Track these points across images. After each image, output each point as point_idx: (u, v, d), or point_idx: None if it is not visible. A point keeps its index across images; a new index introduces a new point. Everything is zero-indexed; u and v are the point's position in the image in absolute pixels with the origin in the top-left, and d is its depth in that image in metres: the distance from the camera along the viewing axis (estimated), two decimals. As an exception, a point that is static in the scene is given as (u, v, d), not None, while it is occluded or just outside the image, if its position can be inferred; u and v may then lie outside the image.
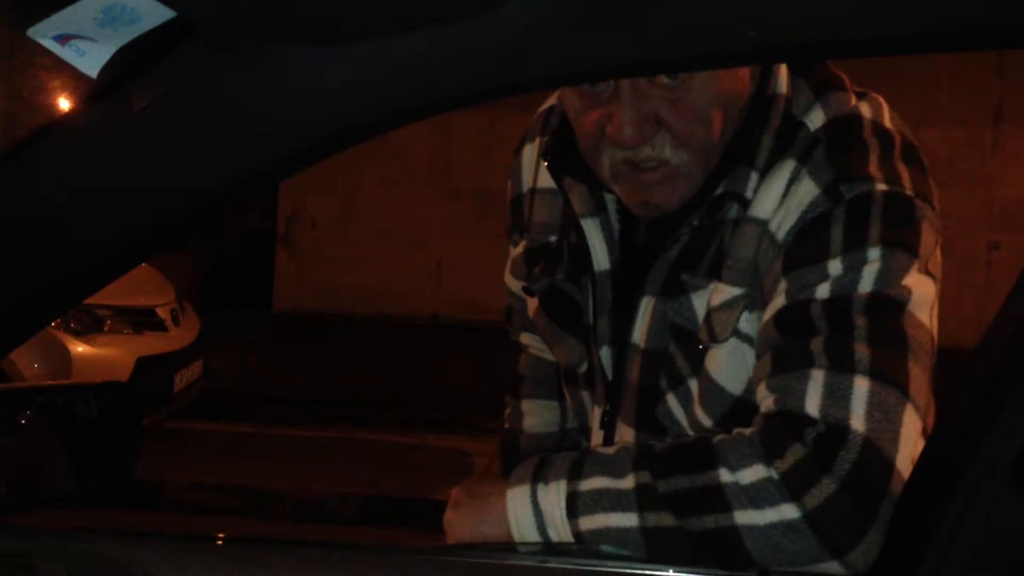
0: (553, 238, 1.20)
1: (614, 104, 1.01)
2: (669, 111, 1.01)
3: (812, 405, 0.92)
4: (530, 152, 1.24)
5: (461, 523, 1.00)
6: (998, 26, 0.70)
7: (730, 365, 1.04)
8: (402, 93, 0.76)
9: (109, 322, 4.68)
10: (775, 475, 0.90)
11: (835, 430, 0.90)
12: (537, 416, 1.34)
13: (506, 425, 1.37)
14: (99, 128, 0.78)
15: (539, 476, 0.98)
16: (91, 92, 0.74)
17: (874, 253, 0.96)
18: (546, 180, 1.20)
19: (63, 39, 0.69)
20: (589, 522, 0.94)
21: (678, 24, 0.71)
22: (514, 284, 1.29)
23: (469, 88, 0.76)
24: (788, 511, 0.89)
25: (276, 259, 7.53)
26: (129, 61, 0.72)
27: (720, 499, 0.90)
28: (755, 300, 1.02)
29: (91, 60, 0.70)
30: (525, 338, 1.35)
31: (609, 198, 1.14)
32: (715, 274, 1.05)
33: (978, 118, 6.49)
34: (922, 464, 0.90)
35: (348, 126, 0.78)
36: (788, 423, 0.92)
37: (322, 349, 6.71)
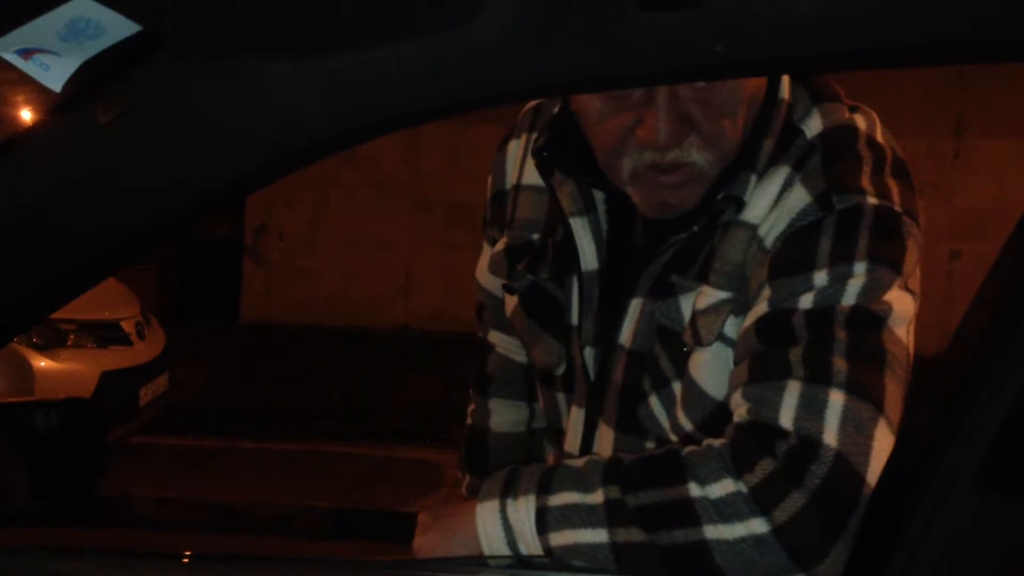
0: (536, 236, 1.19)
1: (645, 107, 0.99)
2: (700, 111, 1.00)
3: (786, 417, 0.92)
4: (515, 148, 1.23)
5: (432, 546, 1.00)
6: (953, 41, 0.72)
7: (714, 369, 1.04)
8: (372, 106, 0.76)
9: (72, 336, 4.61)
10: (744, 489, 0.90)
11: (807, 444, 0.90)
12: (505, 415, 1.33)
13: (469, 422, 1.36)
14: (64, 142, 0.77)
15: (508, 491, 0.97)
16: (55, 106, 0.74)
17: (860, 267, 0.96)
18: (532, 177, 1.18)
19: (26, 53, 0.68)
20: (559, 538, 0.94)
21: (646, 39, 0.71)
22: (490, 281, 1.28)
23: (439, 101, 0.76)
24: (757, 525, 0.89)
25: (244, 271, 7.47)
26: (94, 75, 0.71)
27: (690, 514, 0.90)
28: (741, 305, 1.02)
29: (55, 74, 0.69)
30: (494, 337, 1.34)
31: (599, 197, 1.13)
32: (703, 277, 1.05)
33: (940, 129, 6.59)
34: (889, 468, 0.91)
35: (318, 139, 0.78)
36: (760, 435, 0.92)
37: (290, 361, 6.66)
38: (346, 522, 4.69)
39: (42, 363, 4.50)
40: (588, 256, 1.12)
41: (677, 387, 1.07)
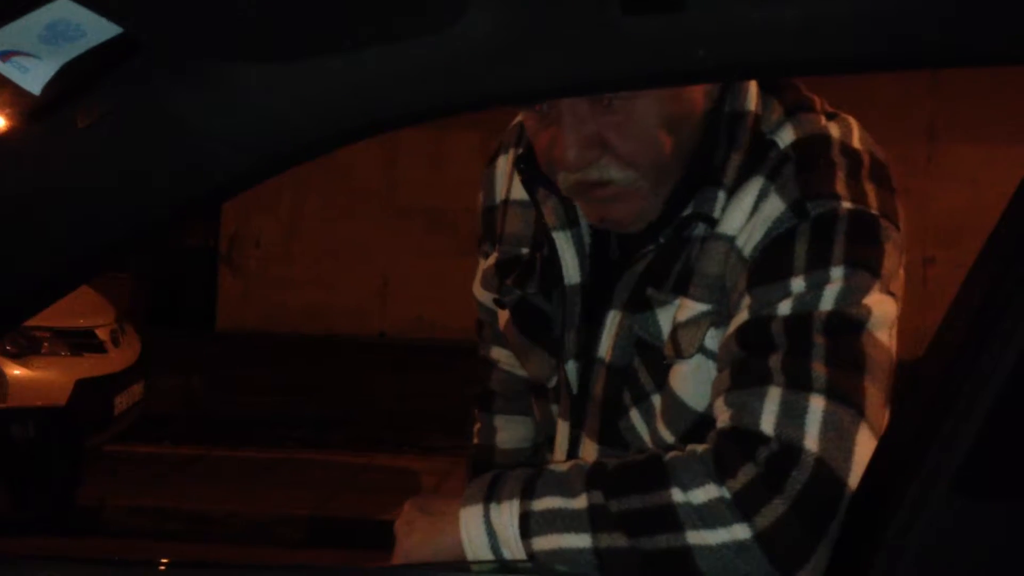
0: (525, 250, 1.20)
1: (557, 127, 1.01)
2: (612, 133, 1.01)
3: (767, 423, 0.92)
4: (504, 163, 1.24)
5: (414, 543, 0.99)
6: (933, 45, 0.73)
7: (694, 381, 1.04)
8: (353, 111, 0.75)
9: (46, 344, 4.56)
10: (727, 495, 0.90)
11: (788, 449, 0.91)
12: (511, 431, 1.33)
13: (475, 441, 1.36)
14: (43, 145, 0.76)
15: (492, 495, 0.97)
16: (34, 109, 0.73)
17: (837, 272, 0.97)
18: (520, 192, 1.19)
19: (5, 55, 0.67)
20: (543, 543, 0.94)
21: (628, 44, 0.72)
22: (484, 296, 1.28)
23: (420, 106, 0.76)
24: (740, 531, 0.90)
25: (219, 278, 7.42)
26: (73, 78, 0.71)
27: (672, 519, 0.91)
28: (722, 316, 1.03)
29: (34, 77, 0.68)
30: (496, 353, 1.34)
31: (581, 211, 1.14)
32: (681, 290, 1.05)
33: (912, 135, 6.66)
34: (869, 472, 0.91)
35: (297, 144, 0.77)
36: (742, 441, 0.93)
37: (267, 368, 6.62)
38: (324, 530, 4.66)
39: (16, 371, 4.44)
40: (571, 270, 1.13)
41: (657, 400, 1.07)
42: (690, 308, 1.04)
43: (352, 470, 5.44)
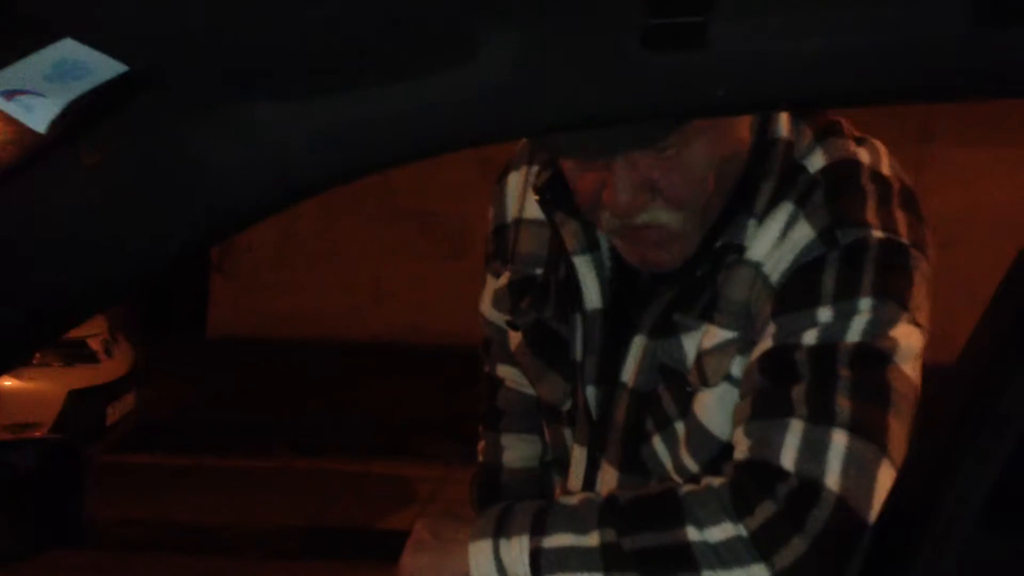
0: (539, 271, 1.17)
1: (608, 171, 0.98)
2: (663, 178, 0.98)
3: (787, 458, 0.91)
4: (515, 181, 1.21)
5: (421, 565, 0.98)
6: (929, 84, 0.72)
7: (720, 409, 1.02)
8: (366, 147, 0.74)
9: (38, 355, 4.53)
10: (744, 533, 0.89)
11: (809, 486, 0.89)
12: (518, 451, 1.31)
13: (480, 459, 1.34)
14: (48, 183, 0.75)
15: (501, 530, 0.96)
16: (39, 147, 0.71)
17: (865, 304, 0.95)
18: (533, 211, 1.17)
19: (9, 94, 0.65)
20: None
21: (648, 79, 0.70)
22: (494, 315, 1.26)
23: (435, 142, 0.75)
24: (758, 571, 0.88)
25: (211, 285, 7.40)
26: (79, 115, 0.69)
27: (688, 558, 0.89)
28: (748, 344, 1.00)
29: (40, 115, 0.66)
30: (503, 371, 1.32)
31: (602, 236, 1.11)
32: (708, 316, 1.03)
33: (906, 138, 6.67)
34: (892, 507, 0.90)
35: (309, 180, 0.76)
36: (761, 475, 0.91)
37: (260, 375, 6.59)
38: (320, 541, 4.64)
39: (7, 383, 4.41)
40: (591, 294, 1.11)
41: (680, 427, 1.05)
42: (716, 335, 1.02)
43: (347, 478, 5.42)
